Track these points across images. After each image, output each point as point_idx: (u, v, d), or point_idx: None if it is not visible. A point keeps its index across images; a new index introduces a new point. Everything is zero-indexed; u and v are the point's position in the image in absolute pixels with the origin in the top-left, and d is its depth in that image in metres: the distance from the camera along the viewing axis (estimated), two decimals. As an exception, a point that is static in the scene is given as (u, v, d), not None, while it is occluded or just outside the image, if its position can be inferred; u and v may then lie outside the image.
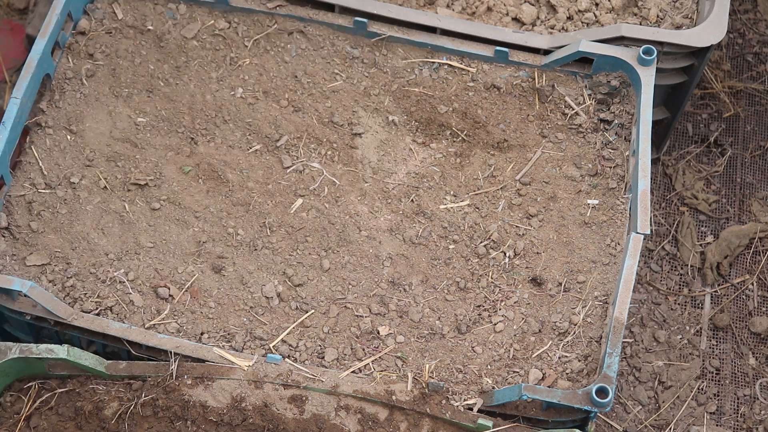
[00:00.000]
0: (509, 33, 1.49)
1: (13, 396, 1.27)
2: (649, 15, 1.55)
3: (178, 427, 1.23)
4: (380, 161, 1.45)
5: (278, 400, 1.24)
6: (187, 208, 1.39)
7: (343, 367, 1.28)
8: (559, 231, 1.40)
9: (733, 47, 1.93)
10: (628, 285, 1.28)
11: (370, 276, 1.36)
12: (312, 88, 1.48)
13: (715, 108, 1.86)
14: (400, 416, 1.24)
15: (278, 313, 1.32)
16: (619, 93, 1.47)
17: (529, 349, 1.31)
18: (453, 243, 1.39)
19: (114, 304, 1.30)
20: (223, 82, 1.48)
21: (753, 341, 1.67)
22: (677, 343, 1.65)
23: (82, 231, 1.35)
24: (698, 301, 1.70)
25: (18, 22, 1.88)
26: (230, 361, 1.25)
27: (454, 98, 1.49)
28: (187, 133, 1.44)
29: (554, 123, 1.48)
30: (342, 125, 1.46)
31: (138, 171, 1.40)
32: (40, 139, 1.41)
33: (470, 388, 1.27)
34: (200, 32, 1.51)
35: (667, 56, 1.52)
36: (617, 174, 1.43)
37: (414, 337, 1.32)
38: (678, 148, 1.83)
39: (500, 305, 1.34)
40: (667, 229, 1.75)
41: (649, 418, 1.59)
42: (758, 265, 1.72)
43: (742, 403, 1.62)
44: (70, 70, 1.46)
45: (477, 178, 1.44)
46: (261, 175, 1.42)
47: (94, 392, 1.24)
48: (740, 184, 1.80)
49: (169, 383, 1.23)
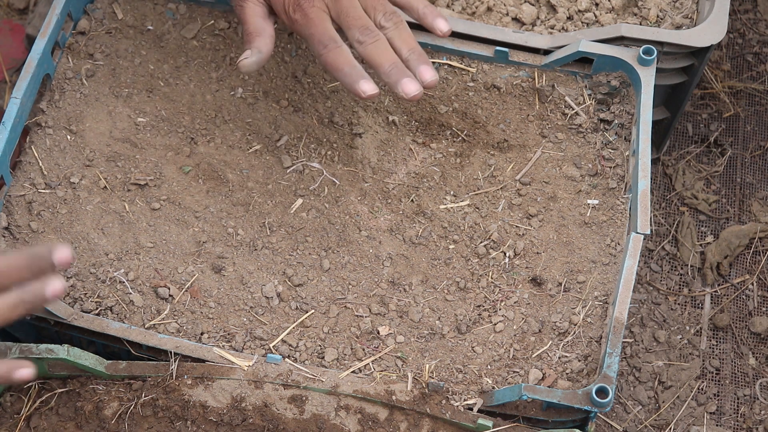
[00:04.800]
0: (509, 33, 1.49)
1: (13, 396, 1.27)
2: (649, 15, 1.55)
3: (178, 427, 1.23)
4: (380, 161, 1.45)
5: (278, 400, 1.24)
6: (187, 208, 1.39)
7: (343, 367, 1.28)
8: (559, 231, 1.40)
9: (733, 47, 1.93)
10: (628, 285, 1.28)
11: (370, 276, 1.36)
12: (312, 88, 1.48)
13: (715, 108, 1.86)
14: (400, 416, 1.24)
15: (278, 313, 1.32)
16: (619, 93, 1.47)
17: (529, 349, 1.31)
18: (453, 243, 1.39)
19: (114, 304, 1.30)
20: (223, 82, 1.48)
21: (753, 341, 1.67)
22: (677, 343, 1.65)
23: (82, 231, 1.35)
24: (698, 301, 1.70)
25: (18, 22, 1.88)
26: (230, 361, 1.25)
27: (454, 98, 1.49)
28: (187, 133, 1.44)
29: (554, 123, 1.48)
30: (342, 125, 1.46)
31: (138, 171, 1.40)
32: (40, 139, 1.41)
33: (470, 388, 1.27)
34: (200, 32, 1.51)
35: (667, 56, 1.52)
36: (617, 174, 1.43)
37: (414, 337, 1.32)
38: (678, 148, 1.83)
39: (500, 305, 1.34)
40: (667, 229, 1.75)
41: (649, 418, 1.59)
42: (758, 265, 1.72)
43: (742, 403, 1.62)
44: (70, 70, 1.46)
45: (477, 178, 1.44)
46: (261, 175, 1.42)
47: (94, 392, 1.24)
48: (740, 184, 1.80)
49: (169, 383, 1.23)
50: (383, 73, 1.30)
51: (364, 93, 1.28)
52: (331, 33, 1.31)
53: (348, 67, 1.29)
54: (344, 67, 1.29)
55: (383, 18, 1.33)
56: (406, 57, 1.32)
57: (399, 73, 1.29)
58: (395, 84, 1.29)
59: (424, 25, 1.38)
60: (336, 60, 1.30)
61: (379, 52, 1.31)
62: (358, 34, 1.31)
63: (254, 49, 1.32)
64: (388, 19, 1.33)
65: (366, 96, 1.29)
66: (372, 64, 1.31)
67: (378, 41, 1.31)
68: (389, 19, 1.33)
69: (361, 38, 1.31)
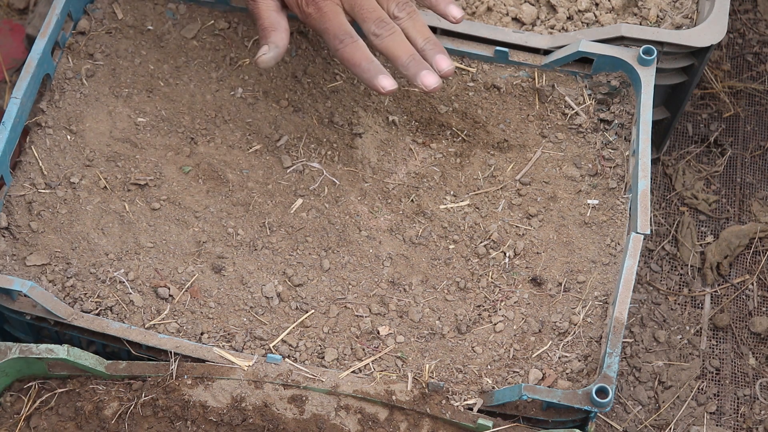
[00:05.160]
0: (509, 33, 1.49)
1: (13, 396, 1.27)
2: (649, 15, 1.55)
3: (178, 427, 1.23)
4: (380, 161, 1.45)
5: (278, 400, 1.24)
6: (187, 208, 1.39)
7: (343, 367, 1.28)
8: (559, 231, 1.40)
9: (733, 47, 1.93)
10: (628, 285, 1.28)
11: (370, 276, 1.36)
12: (312, 88, 1.48)
13: (715, 108, 1.86)
14: (400, 416, 1.24)
15: (278, 313, 1.32)
16: (619, 93, 1.47)
17: (529, 349, 1.31)
18: (453, 243, 1.39)
19: (114, 304, 1.30)
20: (223, 82, 1.48)
21: (753, 341, 1.67)
22: (677, 343, 1.65)
23: (82, 231, 1.35)
24: (698, 301, 1.70)
25: (18, 22, 1.88)
26: (230, 361, 1.25)
27: (454, 98, 1.49)
28: (187, 133, 1.44)
29: (554, 123, 1.48)
30: (342, 125, 1.46)
31: (138, 171, 1.40)
32: (40, 139, 1.41)
33: (470, 388, 1.27)
34: (200, 32, 1.51)
35: (667, 56, 1.52)
36: (617, 174, 1.43)
37: (414, 337, 1.32)
38: (678, 148, 1.83)
39: (500, 305, 1.34)
40: (667, 229, 1.75)
41: (649, 418, 1.59)
42: (758, 265, 1.72)
43: (742, 403, 1.62)
44: (70, 70, 1.46)
45: (477, 178, 1.44)
46: (261, 175, 1.42)
47: (94, 392, 1.24)
48: (740, 184, 1.80)
49: (169, 383, 1.23)
50: (401, 66, 1.30)
51: (383, 89, 1.28)
52: (346, 27, 1.30)
53: (366, 62, 1.29)
54: (362, 63, 1.29)
55: (396, 8, 1.32)
56: (422, 47, 1.31)
57: (417, 65, 1.29)
58: (414, 76, 1.29)
59: (437, 12, 1.36)
60: (353, 55, 1.29)
61: (396, 45, 1.30)
62: (374, 27, 1.30)
63: (271, 44, 1.31)
64: (402, 9, 1.32)
65: (386, 92, 1.28)
66: (389, 57, 1.30)
67: (394, 33, 1.30)
68: (402, 9, 1.32)
69: (377, 31, 1.30)
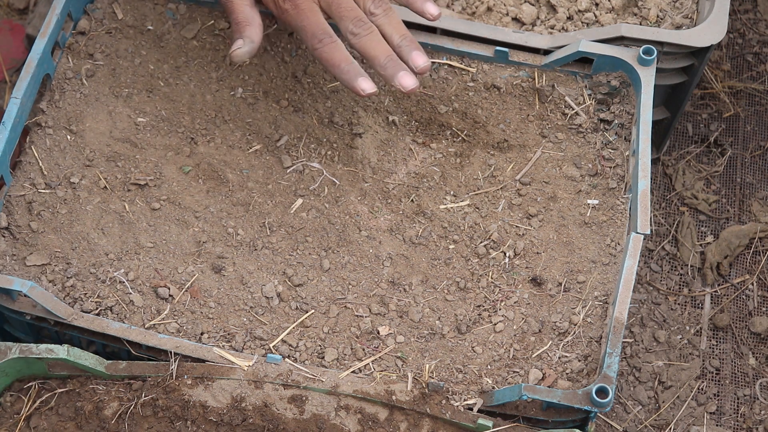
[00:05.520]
0: (509, 33, 1.49)
1: (13, 396, 1.27)
2: (649, 15, 1.55)
3: (178, 427, 1.23)
4: (380, 161, 1.45)
5: (278, 400, 1.24)
6: (187, 208, 1.39)
7: (343, 367, 1.28)
8: (559, 231, 1.40)
9: (733, 47, 1.93)
10: (628, 285, 1.28)
11: (370, 276, 1.36)
12: (312, 88, 1.48)
13: (715, 108, 1.86)
14: (400, 416, 1.24)
15: (278, 313, 1.32)
16: (619, 93, 1.47)
17: (529, 349, 1.31)
18: (453, 243, 1.39)
19: (114, 304, 1.30)
20: (223, 82, 1.48)
21: (753, 341, 1.67)
22: (677, 343, 1.65)
23: (82, 231, 1.35)
24: (698, 301, 1.70)
25: (18, 22, 1.88)
26: (230, 361, 1.25)
27: (454, 98, 1.49)
28: (187, 133, 1.44)
29: (554, 123, 1.48)
30: (342, 125, 1.46)
31: (138, 171, 1.40)
32: (40, 139, 1.41)
33: (470, 388, 1.27)
34: (200, 32, 1.51)
35: (667, 56, 1.52)
36: (617, 174, 1.43)
37: (414, 337, 1.32)
38: (678, 148, 1.83)
39: (500, 305, 1.34)
40: (667, 229, 1.75)
41: (649, 418, 1.59)
42: (758, 265, 1.72)
43: (742, 403, 1.62)
44: (70, 70, 1.46)
45: (477, 178, 1.44)
46: (261, 175, 1.42)
47: (94, 392, 1.24)
48: (740, 184, 1.80)
49: (169, 383, 1.23)
50: (379, 66, 1.30)
51: (363, 91, 1.28)
52: (324, 26, 1.30)
53: (345, 63, 1.29)
54: (341, 64, 1.29)
55: (372, 5, 1.32)
56: (398, 43, 1.31)
57: (395, 66, 1.29)
58: (392, 77, 1.29)
59: (414, 10, 1.36)
60: (332, 56, 1.29)
61: (374, 45, 1.30)
62: (352, 26, 1.30)
63: (246, 39, 1.31)
64: (378, 6, 1.32)
65: (365, 94, 1.28)
66: (367, 57, 1.30)
67: (372, 33, 1.30)
68: (379, 6, 1.32)
69: (354, 30, 1.30)
